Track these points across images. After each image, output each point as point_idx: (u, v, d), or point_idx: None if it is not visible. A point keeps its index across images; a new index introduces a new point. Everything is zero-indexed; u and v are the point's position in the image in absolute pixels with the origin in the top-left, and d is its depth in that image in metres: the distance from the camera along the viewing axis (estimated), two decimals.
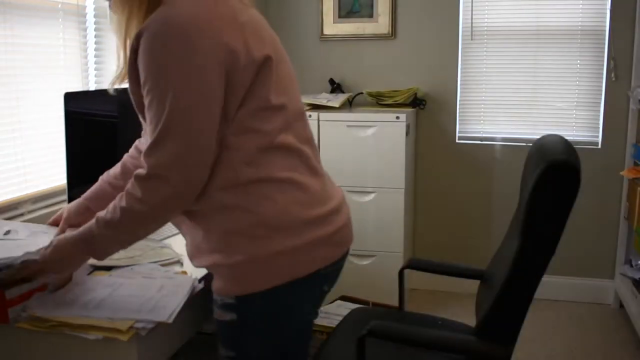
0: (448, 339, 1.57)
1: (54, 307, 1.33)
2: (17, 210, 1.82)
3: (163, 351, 1.40)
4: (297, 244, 1.30)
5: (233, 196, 1.28)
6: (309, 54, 3.68)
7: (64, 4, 1.96)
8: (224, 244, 1.30)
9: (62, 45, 1.97)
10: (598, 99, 3.39)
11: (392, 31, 3.55)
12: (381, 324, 1.57)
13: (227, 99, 1.25)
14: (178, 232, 1.98)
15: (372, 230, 3.17)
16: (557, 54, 3.39)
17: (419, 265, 2.12)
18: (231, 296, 1.30)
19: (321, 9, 3.62)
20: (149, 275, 1.54)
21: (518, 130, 3.51)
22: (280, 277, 1.30)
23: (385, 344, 1.61)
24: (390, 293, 3.17)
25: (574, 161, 1.43)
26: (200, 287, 1.50)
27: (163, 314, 1.32)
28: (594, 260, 3.50)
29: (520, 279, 1.48)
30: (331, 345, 1.87)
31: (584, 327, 3.21)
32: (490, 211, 3.50)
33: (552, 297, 3.47)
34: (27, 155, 1.85)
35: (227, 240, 1.29)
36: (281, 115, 1.33)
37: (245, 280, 1.29)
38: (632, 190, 3.16)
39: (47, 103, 1.90)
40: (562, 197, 1.42)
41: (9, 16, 1.74)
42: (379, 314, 2.11)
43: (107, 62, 2.19)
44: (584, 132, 3.43)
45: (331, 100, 3.28)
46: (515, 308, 1.50)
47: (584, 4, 3.33)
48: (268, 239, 1.28)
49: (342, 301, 2.73)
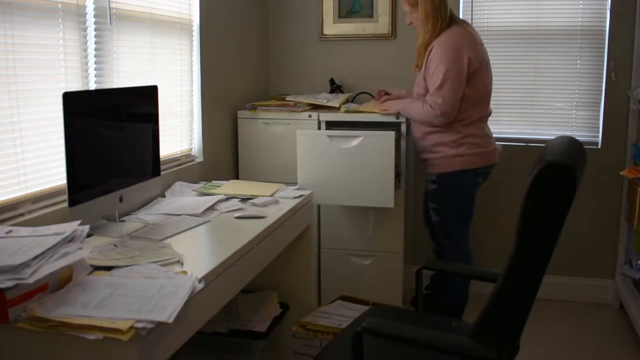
0: (442, 338, 1.55)
1: (54, 307, 1.33)
2: (17, 210, 1.82)
3: (163, 351, 1.40)
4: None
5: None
6: (309, 54, 3.68)
7: (64, 4, 1.96)
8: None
9: (62, 45, 1.97)
10: (598, 99, 3.39)
11: (392, 31, 3.55)
12: (376, 321, 1.56)
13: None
14: (178, 232, 1.99)
15: (372, 230, 3.17)
16: (557, 54, 3.40)
17: (436, 266, 2.10)
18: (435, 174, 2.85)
19: (321, 9, 3.62)
20: (149, 275, 1.54)
21: (518, 130, 3.51)
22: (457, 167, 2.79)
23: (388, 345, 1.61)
24: (390, 293, 3.18)
25: (571, 163, 1.39)
26: (200, 287, 1.50)
27: (163, 314, 1.32)
28: (594, 260, 3.50)
29: (516, 283, 1.46)
30: (335, 344, 1.87)
31: (584, 327, 3.21)
32: (490, 211, 3.50)
33: (552, 297, 3.47)
34: (27, 155, 1.84)
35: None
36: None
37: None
38: (632, 190, 3.16)
39: (47, 103, 1.90)
40: (557, 199, 1.39)
41: (9, 16, 1.74)
42: (392, 315, 2.11)
43: (107, 62, 2.19)
44: (584, 132, 3.43)
45: (331, 100, 3.28)
46: (511, 312, 1.48)
47: (584, 4, 3.33)
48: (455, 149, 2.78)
49: (342, 301, 2.73)
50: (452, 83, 2.69)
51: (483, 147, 2.80)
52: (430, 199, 2.93)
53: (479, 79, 2.76)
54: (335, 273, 3.25)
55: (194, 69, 2.86)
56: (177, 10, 2.68)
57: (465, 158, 2.77)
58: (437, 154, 2.82)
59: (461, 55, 2.70)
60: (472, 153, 2.78)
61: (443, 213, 2.87)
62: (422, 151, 2.91)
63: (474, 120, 2.78)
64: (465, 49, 2.71)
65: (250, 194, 2.52)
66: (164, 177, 2.46)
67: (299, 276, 2.71)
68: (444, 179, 2.82)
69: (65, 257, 1.44)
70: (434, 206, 2.90)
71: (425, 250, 3.60)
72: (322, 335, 2.40)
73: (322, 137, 2.83)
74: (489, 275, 1.93)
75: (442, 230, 2.92)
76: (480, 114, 2.81)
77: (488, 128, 2.88)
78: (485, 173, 2.86)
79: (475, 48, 2.76)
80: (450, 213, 2.86)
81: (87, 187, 1.86)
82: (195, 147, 2.93)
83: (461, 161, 2.77)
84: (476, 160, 2.79)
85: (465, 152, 2.77)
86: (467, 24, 2.86)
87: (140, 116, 2.17)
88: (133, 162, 2.13)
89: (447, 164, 2.79)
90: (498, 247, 3.40)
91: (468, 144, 2.77)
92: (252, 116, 3.21)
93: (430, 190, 2.90)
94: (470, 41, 2.76)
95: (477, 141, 2.79)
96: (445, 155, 2.79)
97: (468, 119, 2.76)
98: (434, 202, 2.90)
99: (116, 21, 2.23)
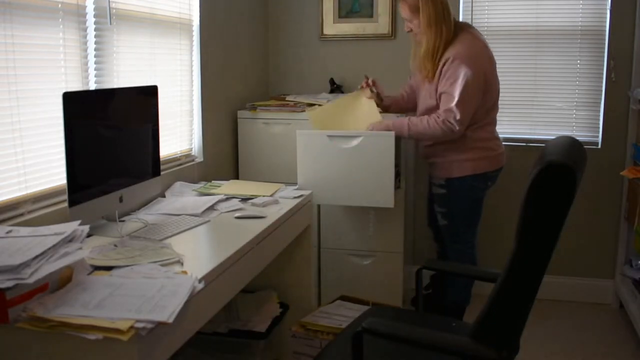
0: (441, 338, 1.55)
1: (54, 307, 1.33)
2: (17, 210, 1.82)
3: (163, 351, 1.40)
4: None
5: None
6: (309, 54, 3.68)
7: (64, 4, 1.96)
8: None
9: (62, 45, 1.97)
10: (598, 99, 3.39)
11: (392, 31, 3.55)
12: (376, 321, 1.56)
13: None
14: (178, 232, 1.99)
15: (372, 230, 3.17)
16: (557, 54, 3.40)
17: (436, 266, 2.10)
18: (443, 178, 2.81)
19: (321, 9, 3.62)
20: (149, 275, 1.54)
21: (518, 130, 3.51)
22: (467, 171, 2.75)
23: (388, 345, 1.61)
24: (390, 293, 3.18)
25: (571, 163, 1.39)
26: (200, 287, 1.50)
27: (163, 314, 1.32)
28: (594, 260, 3.50)
29: (516, 283, 1.46)
30: (335, 344, 1.87)
31: (584, 327, 3.21)
32: (490, 211, 3.49)
33: (552, 297, 3.47)
34: (27, 155, 1.84)
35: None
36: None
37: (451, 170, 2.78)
38: (632, 190, 3.16)
39: (47, 103, 1.90)
40: (557, 199, 1.39)
41: (9, 16, 1.74)
42: (393, 315, 2.11)
43: (107, 62, 2.19)
44: (584, 132, 3.43)
45: (331, 101, 3.28)
46: (511, 312, 1.48)
47: (584, 4, 3.33)
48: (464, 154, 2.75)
49: (342, 301, 2.73)
50: (470, 98, 2.61)
51: (493, 150, 2.77)
52: (437, 203, 2.89)
53: (491, 86, 2.72)
54: (335, 273, 3.25)
55: (194, 69, 2.87)
56: (177, 10, 2.68)
57: (475, 163, 2.73)
58: (446, 158, 2.77)
59: (479, 68, 2.62)
60: (482, 157, 2.74)
61: (451, 217, 2.84)
62: (430, 156, 2.87)
63: (484, 124, 2.74)
64: (483, 60, 2.66)
65: (250, 194, 2.52)
66: (164, 177, 2.46)
67: (299, 276, 2.71)
68: (453, 183, 2.78)
69: (65, 257, 1.44)
70: (442, 210, 2.86)
71: (425, 250, 3.60)
72: (322, 335, 2.40)
73: (322, 137, 2.83)
74: (489, 275, 1.93)
75: (450, 234, 2.89)
76: (491, 117, 2.77)
77: (496, 131, 2.85)
78: (495, 177, 2.82)
79: (489, 56, 2.73)
80: (459, 217, 2.83)
81: (87, 187, 1.86)
82: (195, 147, 2.93)
83: (471, 166, 2.73)
84: (486, 164, 2.75)
85: (475, 156, 2.73)
86: (472, 29, 2.80)
87: (140, 116, 2.17)
88: (133, 162, 2.13)
89: (457, 168, 2.75)
90: (498, 247, 3.40)
91: (478, 148, 2.73)
92: (252, 116, 3.21)
93: (438, 194, 2.87)
94: (484, 51, 2.71)
95: (487, 145, 2.75)
96: (455, 159, 2.74)
97: (478, 122, 2.72)
98: (442, 207, 2.86)
99: (116, 21, 2.23)
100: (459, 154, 2.73)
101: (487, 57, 2.72)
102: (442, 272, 2.31)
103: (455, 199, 2.80)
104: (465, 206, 2.81)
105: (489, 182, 2.81)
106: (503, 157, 2.83)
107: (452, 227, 2.86)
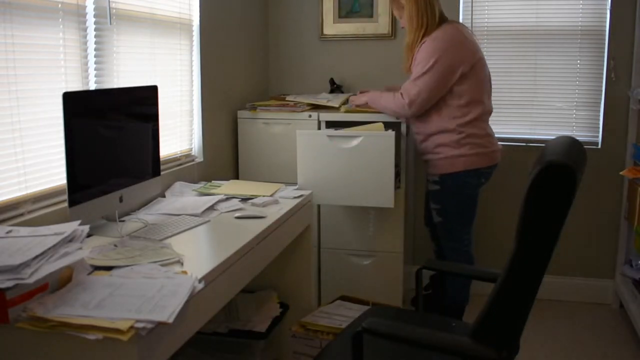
0: (441, 338, 1.55)
1: (54, 307, 1.33)
2: (17, 210, 1.82)
3: (163, 351, 1.40)
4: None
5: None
6: (309, 54, 3.68)
7: (64, 4, 1.96)
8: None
9: (62, 45, 1.97)
10: (598, 99, 3.39)
11: (392, 31, 3.55)
12: (376, 321, 1.56)
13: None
14: (178, 232, 1.99)
15: (372, 230, 3.17)
16: (557, 54, 3.40)
17: (436, 267, 2.10)
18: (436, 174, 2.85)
19: (321, 9, 3.62)
20: (149, 275, 1.54)
21: (518, 130, 3.51)
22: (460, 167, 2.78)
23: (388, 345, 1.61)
24: (390, 293, 3.18)
25: (571, 163, 1.39)
26: (200, 287, 1.50)
27: (163, 314, 1.32)
28: (594, 260, 3.50)
29: (516, 283, 1.46)
30: (335, 344, 1.87)
31: (584, 327, 3.21)
32: (490, 211, 3.50)
33: (552, 297, 3.47)
34: (27, 155, 1.84)
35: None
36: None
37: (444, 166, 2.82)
38: (632, 190, 3.16)
39: (47, 103, 1.90)
40: (557, 199, 1.39)
41: (9, 16, 1.74)
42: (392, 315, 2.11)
43: (107, 62, 2.19)
44: (584, 132, 3.43)
45: (331, 101, 3.28)
46: (511, 312, 1.48)
47: (584, 4, 3.33)
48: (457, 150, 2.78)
49: (342, 301, 2.73)
50: (432, 76, 2.69)
51: (485, 147, 2.79)
52: (432, 199, 2.92)
53: (474, 76, 2.74)
54: (335, 273, 3.25)
55: (194, 69, 2.87)
56: (177, 10, 2.68)
57: (467, 158, 2.76)
58: (439, 154, 2.81)
59: (450, 55, 2.69)
60: (474, 153, 2.76)
61: (445, 214, 2.86)
62: (424, 152, 2.91)
63: (473, 119, 2.76)
64: (457, 50, 2.71)
65: (250, 194, 2.52)
66: (164, 177, 2.46)
67: (299, 276, 2.71)
68: (446, 179, 2.81)
69: (65, 257, 1.44)
70: (437, 207, 2.89)
71: (425, 250, 3.60)
72: (322, 335, 2.40)
73: (322, 137, 2.83)
74: (489, 275, 1.93)
75: (444, 231, 2.91)
76: (479, 111, 2.77)
77: (490, 128, 2.86)
78: (488, 173, 2.85)
79: (470, 49, 2.75)
80: (453, 214, 2.85)
81: (87, 187, 1.86)
82: (195, 147, 2.93)
83: (464, 162, 2.76)
84: (479, 160, 2.78)
85: (468, 152, 2.76)
86: (459, 24, 2.86)
87: (140, 116, 2.17)
88: (133, 162, 2.13)
89: (450, 164, 2.78)
90: (498, 247, 3.40)
91: (470, 144, 2.76)
92: (252, 116, 3.21)
93: (432, 191, 2.90)
94: (464, 43, 2.75)
95: (480, 141, 2.78)
96: (448, 155, 2.78)
97: (466, 116, 2.74)
98: (436, 203, 2.89)
99: (116, 21, 2.23)
100: (451, 149, 2.77)
101: (466, 49, 2.75)
102: (442, 272, 2.30)
103: (448, 195, 2.83)
104: (458, 202, 2.84)
105: (483, 178, 2.83)
106: (497, 154, 2.85)
107: (446, 224, 2.88)
